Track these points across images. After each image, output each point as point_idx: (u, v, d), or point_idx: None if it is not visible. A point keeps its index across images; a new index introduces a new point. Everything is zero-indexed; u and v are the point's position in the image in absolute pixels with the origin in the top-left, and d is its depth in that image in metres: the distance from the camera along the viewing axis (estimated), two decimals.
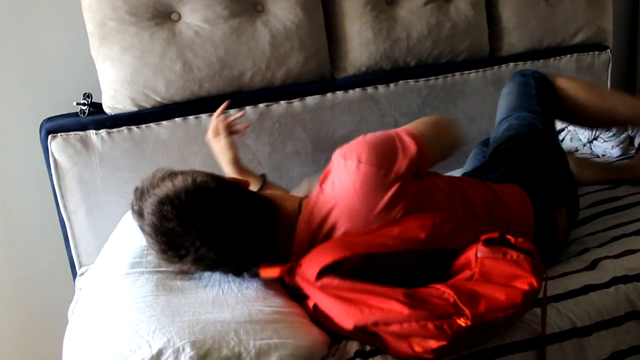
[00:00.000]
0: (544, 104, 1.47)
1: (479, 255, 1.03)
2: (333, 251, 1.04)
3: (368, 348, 1.04)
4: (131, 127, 1.57)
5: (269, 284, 1.17)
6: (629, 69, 2.50)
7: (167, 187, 1.02)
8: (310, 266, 1.05)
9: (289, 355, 0.93)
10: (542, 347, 1.05)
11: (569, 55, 2.05)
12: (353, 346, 1.05)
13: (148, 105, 1.61)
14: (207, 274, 1.18)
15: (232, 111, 1.62)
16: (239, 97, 1.66)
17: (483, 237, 1.06)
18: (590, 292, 1.16)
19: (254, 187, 1.33)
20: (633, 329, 1.14)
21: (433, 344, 0.96)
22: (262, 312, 1.04)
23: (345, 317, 1.01)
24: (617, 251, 1.29)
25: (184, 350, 0.89)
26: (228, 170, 1.47)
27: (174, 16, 1.60)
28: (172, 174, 1.05)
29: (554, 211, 1.31)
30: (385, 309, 0.97)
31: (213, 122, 1.49)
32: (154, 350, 0.90)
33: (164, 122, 1.60)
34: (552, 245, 1.31)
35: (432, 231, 1.07)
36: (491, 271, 1.01)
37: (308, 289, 1.08)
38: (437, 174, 1.26)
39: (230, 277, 1.18)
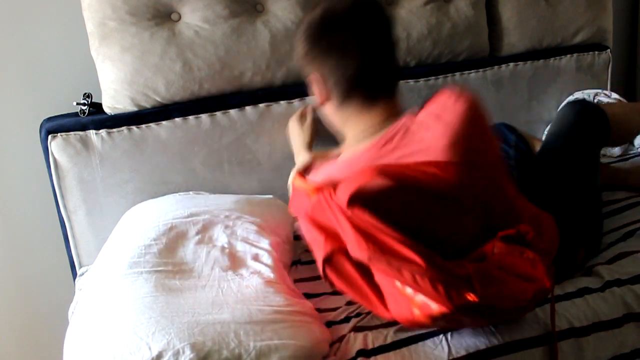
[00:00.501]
0: (593, 138, 1.46)
1: (495, 251, 1.01)
2: (366, 174, 1.02)
3: (370, 346, 1.04)
4: (131, 127, 1.57)
5: (268, 282, 1.17)
6: (629, 69, 2.50)
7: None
8: (343, 190, 1.02)
9: (290, 356, 0.94)
10: (552, 343, 1.06)
11: (569, 55, 2.04)
12: (355, 345, 1.05)
13: (148, 105, 1.60)
14: (205, 272, 1.18)
15: (231, 111, 1.63)
16: (239, 97, 1.65)
17: (500, 234, 1.04)
18: (585, 294, 1.17)
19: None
20: (633, 331, 1.14)
21: (435, 309, 0.95)
22: (262, 312, 1.04)
23: (363, 250, 0.98)
24: (610, 256, 1.30)
25: (183, 352, 0.89)
26: (302, 155, 1.52)
27: (174, 16, 1.60)
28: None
29: (577, 250, 1.30)
30: (405, 255, 0.95)
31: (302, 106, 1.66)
32: (154, 353, 0.90)
33: (164, 122, 1.59)
34: (567, 278, 1.29)
35: (468, 179, 1.05)
36: (507, 268, 0.99)
37: (334, 215, 1.03)
38: None
39: (230, 277, 1.18)
